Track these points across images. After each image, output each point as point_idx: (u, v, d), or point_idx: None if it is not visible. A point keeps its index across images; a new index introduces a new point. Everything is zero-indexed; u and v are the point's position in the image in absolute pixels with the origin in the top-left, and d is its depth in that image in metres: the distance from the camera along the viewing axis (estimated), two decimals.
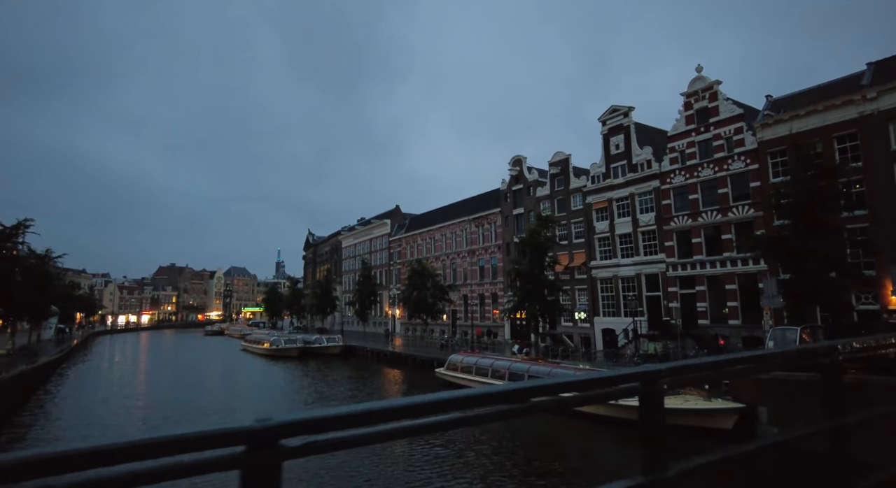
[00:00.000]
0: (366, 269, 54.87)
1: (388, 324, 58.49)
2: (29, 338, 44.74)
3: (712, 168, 30.44)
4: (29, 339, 44.42)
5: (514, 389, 1.51)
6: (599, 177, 37.03)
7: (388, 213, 67.91)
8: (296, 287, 77.10)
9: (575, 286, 38.36)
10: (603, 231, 36.46)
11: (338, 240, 79.64)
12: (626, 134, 35.43)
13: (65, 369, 39.27)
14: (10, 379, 21.73)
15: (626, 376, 1.87)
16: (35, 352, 37.60)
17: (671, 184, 32.51)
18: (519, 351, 31.40)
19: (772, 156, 27.79)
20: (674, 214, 32.24)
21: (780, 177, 26.77)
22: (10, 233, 32.16)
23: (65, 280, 72.02)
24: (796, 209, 19.32)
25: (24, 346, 40.80)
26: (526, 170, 44.13)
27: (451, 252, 52.44)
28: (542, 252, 31.31)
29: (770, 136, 27.95)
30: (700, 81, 31.45)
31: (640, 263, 33.88)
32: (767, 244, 20.37)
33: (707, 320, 30.13)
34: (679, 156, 32.33)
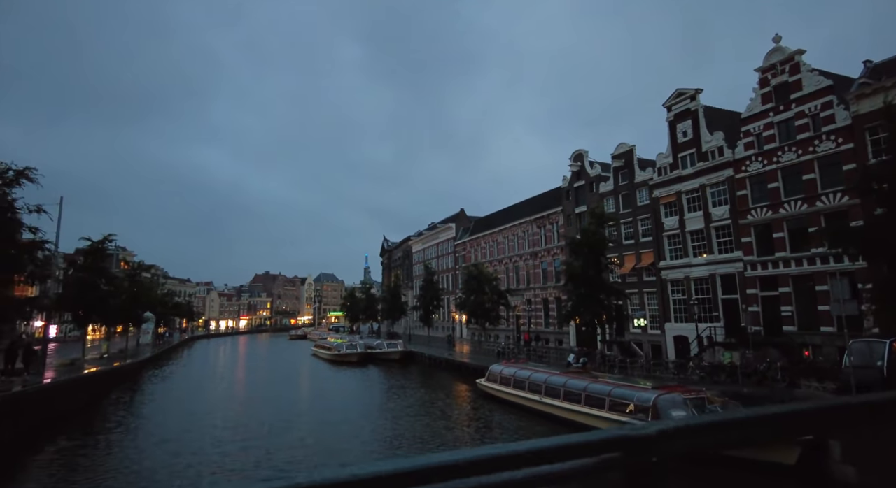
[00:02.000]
0: (429, 274, 54.48)
1: (451, 328, 57.72)
2: (126, 342, 49.03)
3: (795, 151, 26.42)
4: (126, 344, 48.65)
5: None
6: (666, 168, 33.71)
7: (454, 217, 67.31)
8: (369, 292, 78.69)
9: (643, 289, 35.20)
10: (672, 227, 33.09)
11: (409, 245, 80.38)
12: (694, 119, 31.91)
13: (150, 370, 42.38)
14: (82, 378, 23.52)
15: (597, 443, 1.24)
16: (126, 356, 41.06)
17: (747, 172, 28.70)
18: (575, 361, 29.12)
19: (871, 133, 23.44)
20: (751, 206, 28.42)
21: (882, 156, 22.56)
22: (97, 248, 35.28)
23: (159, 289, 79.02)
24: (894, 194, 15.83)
25: (120, 350, 44.71)
26: (588, 164, 41.42)
27: (513, 254, 50.63)
28: (598, 252, 28.89)
29: (868, 109, 23.63)
30: (778, 53, 27.49)
31: (714, 262, 30.26)
32: (854, 238, 16.95)
33: (794, 326, 26.12)
34: (755, 140, 28.48)
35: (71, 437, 18.56)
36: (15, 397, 17.94)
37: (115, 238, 36.27)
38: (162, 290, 79.34)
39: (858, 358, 13.74)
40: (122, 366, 34.65)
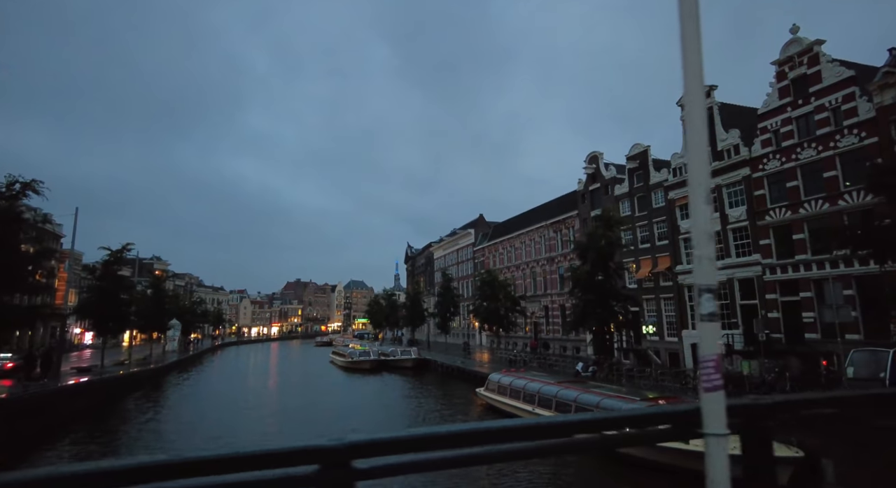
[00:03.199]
0: (446, 280, 54.04)
1: (467, 335, 57.01)
2: (150, 349, 50.33)
3: (815, 147, 24.87)
4: (151, 351, 49.93)
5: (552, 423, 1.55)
6: (682, 168, 32.37)
7: (473, 223, 66.73)
8: (391, 299, 78.75)
9: (660, 295, 33.82)
10: (688, 230, 31.63)
11: (430, 251, 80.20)
12: (710, 117, 30.51)
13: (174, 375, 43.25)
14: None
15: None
16: (148, 362, 42.07)
17: (764, 170, 27.22)
18: (583, 370, 28.06)
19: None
20: (769, 207, 26.91)
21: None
22: (116, 257, 36.35)
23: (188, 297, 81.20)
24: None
25: (145, 357, 45.86)
26: (603, 166, 40.29)
27: (530, 260, 49.66)
28: (606, 256, 27.85)
29: (893, 100, 22.07)
30: (796, 44, 26.02)
31: (731, 266, 28.75)
32: (863, 238, 15.70)
33: (816, 333, 24.44)
34: (772, 136, 27.00)
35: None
36: (11, 401, 18.38)
37: (133, 247, 37.39)
38: (191, 298, 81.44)
39: (861, 368, 12.53)
40: (138, 372, 35.45)
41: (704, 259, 1.72)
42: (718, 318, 1.68)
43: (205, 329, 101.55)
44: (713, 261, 1.69)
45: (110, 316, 34.40)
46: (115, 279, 35.87)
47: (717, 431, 1.60)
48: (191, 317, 70.28)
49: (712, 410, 1.59)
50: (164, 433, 20.97)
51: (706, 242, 1.80)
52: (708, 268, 1.72)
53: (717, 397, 1.62)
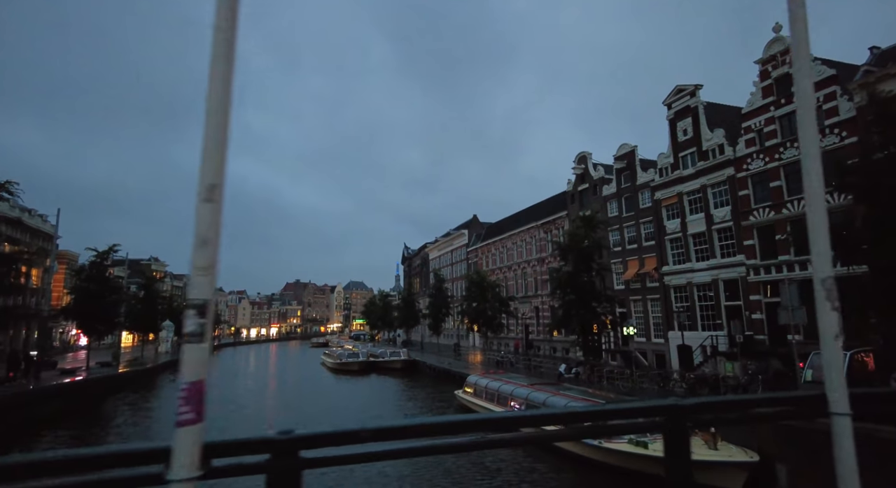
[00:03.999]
0: (438, 281, 53.89)
1: (457, 336, 56.82)
2: (141, 351, 50.30)
3: (798, 147, 24.51)
4: (142, 352, 49.91)
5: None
6: (667, 168, 32.15)
7: (467, 223, 66.57)
8: (386, 300, 78.61)
9: (647, 296, 33.58)
10: (674, 231, 31.46)
11: (426, 252, 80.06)
12: (695, 116, 30.33)
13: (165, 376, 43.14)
14: None
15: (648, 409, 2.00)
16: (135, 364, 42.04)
17: (748, 170, 26.99)
18: (566, 371, 27.85)
19: None
20: (753, 207, 26.67)
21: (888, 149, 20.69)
22: (102, 258, 36.30)
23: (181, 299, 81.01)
24: (868, 189, 14.38)
25: (135, 358, 45.83)
26: (591, 167, 40.08)
27: (521, 261, 49.47)
28: (588, 257, 27.66)
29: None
30: (779, 43, 25.82)
31: (716, 267, 28.53)
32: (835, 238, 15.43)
33: (799, 335, 24.16)
34: (756, 136, 26.78)
35: None
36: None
37: (119, 247, 37.29)
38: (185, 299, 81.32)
39: (819, 371, 12.32)
40: (124, 373, 35.39)
41: (195, 270, 1.46)
42: (203, 339, 1.41)
43: None
44: (204, 272, 1.48)
45: (96, 317, 34.33)
46: (102, 280, 35.81)
47: None
48: None
49: (181, 448, 1.32)
50: (128, 435, 20.83)
51: None
52: (197, 280, 1.46)
53: (190, 433, 1.35)
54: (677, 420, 1.71)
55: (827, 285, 1.85)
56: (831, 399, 1.78)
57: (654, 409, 1.85)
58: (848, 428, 1.76)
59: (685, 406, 1.73)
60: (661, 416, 1.78)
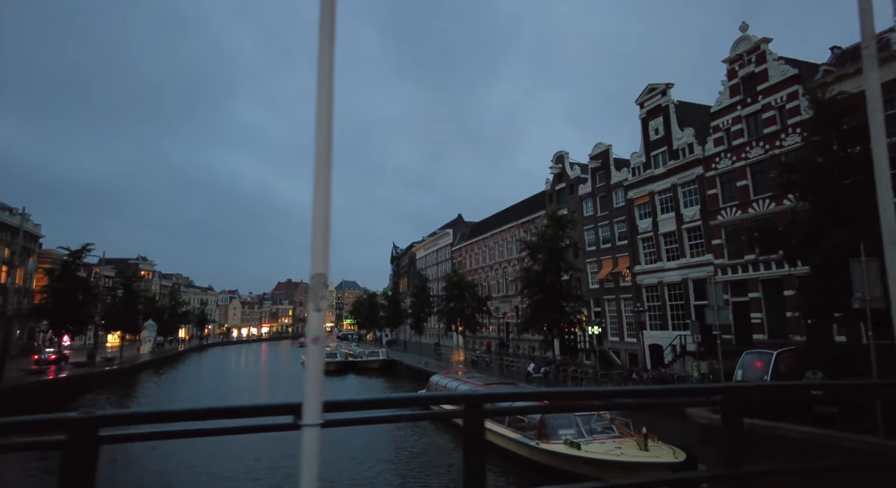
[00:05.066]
0: (420, 281, 53.79)
1: (438, 336, 56.76)
2: (121, 351, 49.93)
3: (763, 146, 24.64)
4: (121, 352, 49.54)
5: None
6: (640, 168, 32.14)
7: (452, 223, 66.48)
8: (373, 300, 78.47)
9: (620, 295, 33.58)
10: (646, 230, 31.45)
11: (413, 251, 79.94)
12: (666, 115, 30.32)
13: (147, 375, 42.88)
14: None
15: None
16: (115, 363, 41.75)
17: (717, 169, 26.99)
18: (535, 371, 27.80)
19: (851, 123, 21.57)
20: (721, 206, 26.68)
21: (849, 149, 20.70)
22: (74, 258, 36.05)
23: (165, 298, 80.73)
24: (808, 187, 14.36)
25: (109, 359, 45.43)
26: (568, 166, 40.05)
27: (502, 260, 49.42)
28: (557, 257, 27.61)
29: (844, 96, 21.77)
30: (745, 42, 25.82)
31: (686, 266, 28.54)
32: (765, 238, 15.50)
33: (763, 334, 24.26)
34: (724, 135, 26.78)
35: None
36: None
37: (92, 247, 37.00)
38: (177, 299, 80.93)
39: (749, 370, 12.28)
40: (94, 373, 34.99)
41: None
42: None
43: (191, 330, 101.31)
44: None
45: (67, 317, 34.10)
46: (73, 279, 35.57)
47: None
48: (170, 318, 69.94)
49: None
50: None
51: None
52: None
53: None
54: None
55: None
56: None
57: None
58: None
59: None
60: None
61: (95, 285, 41.55)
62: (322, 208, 1.76)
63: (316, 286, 1.79)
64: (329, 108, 1.83)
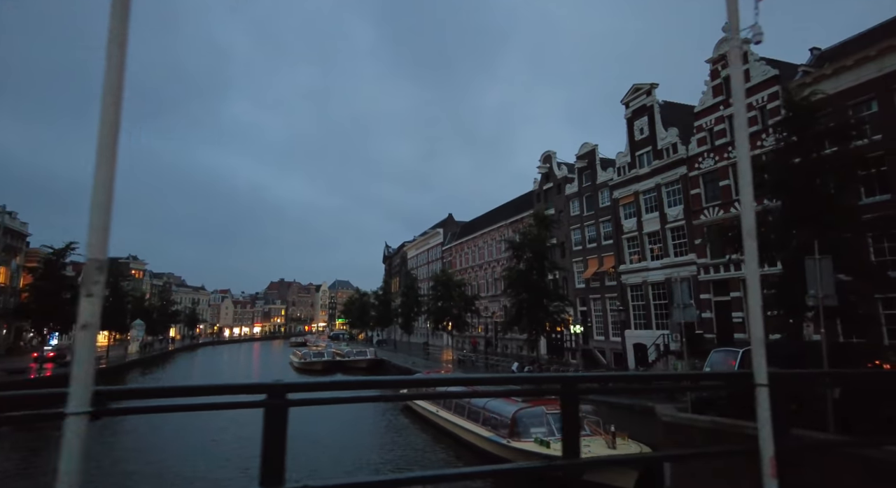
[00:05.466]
0: (409, 280, 53.74)
1: (428, 335, 56.75)
2: (107, 351, 49.55)
3: None
4: (107, 352, 49.17)
5: None
6: (625, 167, 32.22)
7: (443, 222, 66.45)
8: (363, 299, 78.29)
9: (605, 294, 33.66)
10: (631, 230, 31.54)
11: (405, 251, 79.86)
12: (650, 115, 30.41)
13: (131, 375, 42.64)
14: None
15: None
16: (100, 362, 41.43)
17: (699, 169, 27.09)
18: (518, 370, 27.82)
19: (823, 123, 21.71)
20: (704, 206, 26.79)
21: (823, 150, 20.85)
22: (58, 256, 35.73)
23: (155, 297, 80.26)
24: (780, 186, 14.45)
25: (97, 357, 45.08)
26: (555, 166, 40.11)
27: (491, 259, 49.43)
28: (541, 255, 27.62)
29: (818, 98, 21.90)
30: (727, 43, 25.85)
31: (669, 266, 28.62)
32: (736, 237, 15.54)
33: (745, 333, 24.32)
34: (707, 135, 26.88)
35: None
36: None
37: (77, 245, 36.62)
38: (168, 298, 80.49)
39: (717, 368, 12.32)
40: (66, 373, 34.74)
41: None
42: None
43: (182, 329, 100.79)
44: None
45: (50, 316, 33.79)
46: (57, 278, 35.25)
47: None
48: (159, 317, 69.52)
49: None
50: None
51: None
52: None
53: None
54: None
55: None
56: None
57: None
58: None
59: None
60: None
61: (79, 284, 41.11)
62: (104, 178, 1.63)
63: (89, 271, 1.73)
64: (121, 56, 1.69)
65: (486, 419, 14.78)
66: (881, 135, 19.16)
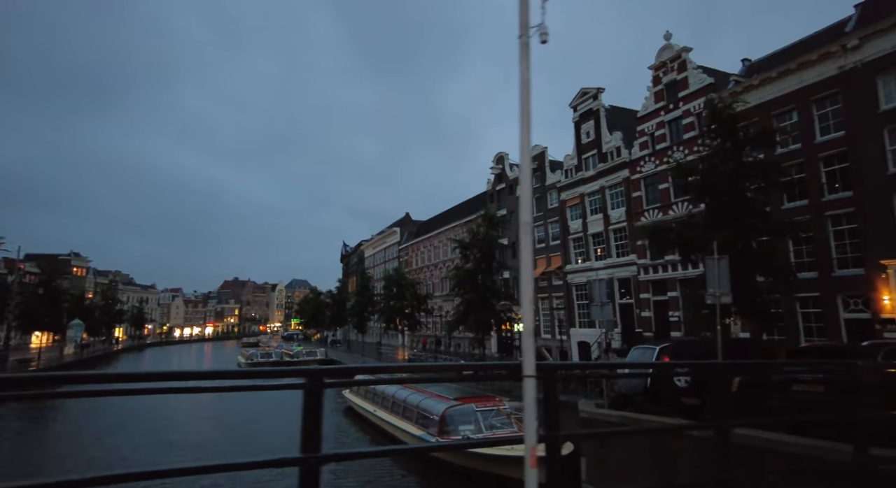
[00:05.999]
0: (364, 280, 53.30)
1: (380, 335, 56.50)
2: (39, 353, 46.91)
3: (683, 151, 25.65)
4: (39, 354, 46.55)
5: None
6: (572, 170, 32.92)
7: (400, 221, 66.21)
8: (318, 299, 77.09)
9: (552, 294, 34.29)
10: (577, 230, 32.26)
11: (362, 250, 79.11)
12: (597, 119, 31.17)
13: None
14: None
15: None
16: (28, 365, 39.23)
17: (641, 172, 27.97)
18: None
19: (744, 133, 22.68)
20: (644, 208, 27.67)
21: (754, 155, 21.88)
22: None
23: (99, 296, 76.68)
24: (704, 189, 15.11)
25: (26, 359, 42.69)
26: (508, 167, 40.59)
27: (446, 259, 49.55)
28: (489, 255, 27.90)
29: (742, 108, 22.87)
30: (668, 50, 26.83)
31: (612, 266, 29.43)
32: (657, 234, 16.23)
33: (681, 331, 25.28)
34: (649, 139, 27.77)
35: None
36: None
37: (2, 241, 34.68)
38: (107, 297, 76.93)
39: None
40: None
41: None
42: None
43: (128, 329, 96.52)
44: None
45: None
46: None
47: None
48: (101, 317, 66.43)
49: None
50: None
51: None
52: None
53: None
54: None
55: None
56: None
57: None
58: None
59: None
60: None
61: (13, 282, 38.93)
62: None
63: None
64: None
65: (418, 417, 14.79)
66: (800, 144, 20.25)
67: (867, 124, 18.15)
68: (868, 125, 18.12)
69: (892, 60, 17.68)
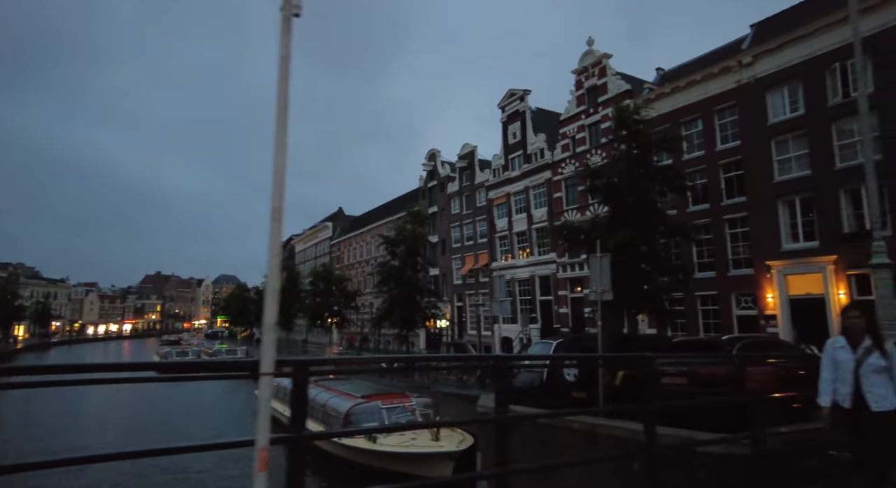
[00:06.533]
0: (291, 274, 51.79)
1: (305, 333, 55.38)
2: None
3: (601, 154, 26.63)
4: None
5: None
6: (499, 169, 33.47)
7: (332, 216, 64.93)
8: (243, 295, 74.21)
9: (479, 290, 34.78)
10: (503, 229, 32.87)
11: (292, 245, 76.84)
12: (523, 120, 31.84)
13: None
14: None
15: None
16: None
17: (562, 174, 28.85)
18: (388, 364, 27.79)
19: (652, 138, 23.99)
20: (564, 208, 28.59)
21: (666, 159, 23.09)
22: None
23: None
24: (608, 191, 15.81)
25: None
26: (439, 164, 40.70)
27: (378, 255, 48.88)
28: (415, 252, 27.84)
29: (654, 114, 24.12)
30: (590, 56, 27.80)
31: (534, 264, 30.21)
32: (568, 233, 16.89)
33: (594, 327, 26.28)
34: (570, 142, 28.68)
35: None
36: None
37: None
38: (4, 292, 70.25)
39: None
40: None
41: None
42: None
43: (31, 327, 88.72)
44: None
45: None
46: None
47: None
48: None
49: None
50: None
51: None
52: None
53: None
54: None
55: None
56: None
57: None
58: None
59: None
60: None
61: None
62: None
63: None
64: None
65: (325, 415, 14.51)
66: (704, 151, 21.60)
67: (758, 135, 19.62)
68: (759, 136, 19.60)
69: (779, 78, 19.19)
